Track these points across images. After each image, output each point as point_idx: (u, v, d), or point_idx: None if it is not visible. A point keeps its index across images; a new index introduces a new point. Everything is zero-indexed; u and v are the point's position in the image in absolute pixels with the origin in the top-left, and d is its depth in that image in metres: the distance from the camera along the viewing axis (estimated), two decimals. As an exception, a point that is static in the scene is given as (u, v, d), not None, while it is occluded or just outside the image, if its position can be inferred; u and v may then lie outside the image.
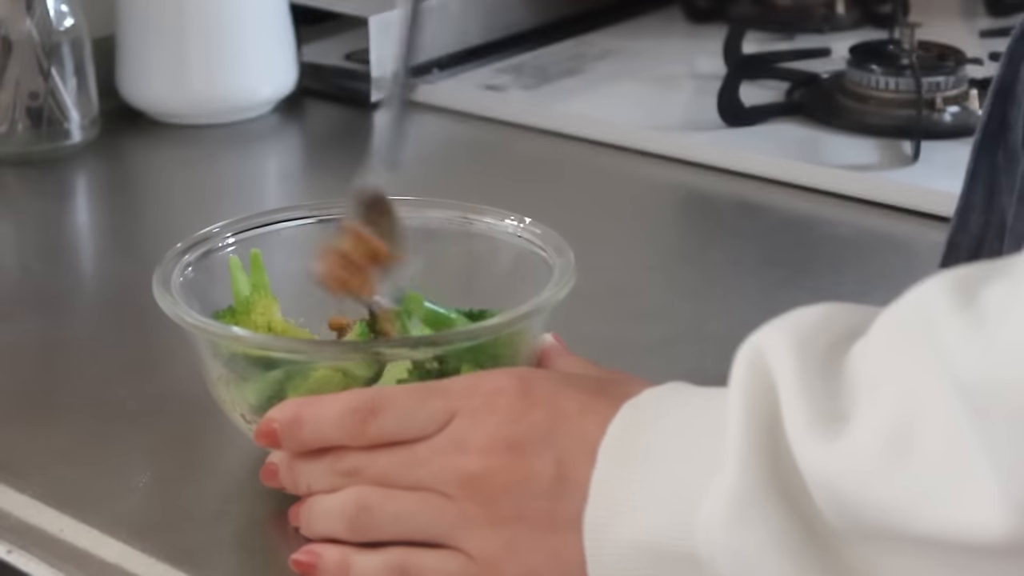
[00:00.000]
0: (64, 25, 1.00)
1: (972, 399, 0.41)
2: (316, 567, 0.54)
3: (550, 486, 0.51)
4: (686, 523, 0.47)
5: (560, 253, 0.64)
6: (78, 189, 1.03)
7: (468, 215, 0.69)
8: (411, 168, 1.04)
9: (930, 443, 0.42)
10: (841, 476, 0.44)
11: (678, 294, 0.82)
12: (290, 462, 0.56)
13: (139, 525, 0.59)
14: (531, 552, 0.51)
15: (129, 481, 0.63)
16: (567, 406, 0.52)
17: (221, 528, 0.60)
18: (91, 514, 0.60)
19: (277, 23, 1.06)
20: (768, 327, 0.48)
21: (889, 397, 0.44)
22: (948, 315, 0.42)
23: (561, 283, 0.62)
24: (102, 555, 0.58)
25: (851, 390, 0.45)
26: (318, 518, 0.55)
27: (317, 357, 0.60)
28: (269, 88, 1.07)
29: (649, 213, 0.96)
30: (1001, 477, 0.40)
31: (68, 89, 1.01)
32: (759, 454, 0.46)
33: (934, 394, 0.42)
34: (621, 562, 0.49)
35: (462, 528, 0.52)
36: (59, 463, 0.64)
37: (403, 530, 0.53)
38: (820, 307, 0.48)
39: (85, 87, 1.02)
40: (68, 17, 1.00)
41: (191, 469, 0.65)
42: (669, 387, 0.53)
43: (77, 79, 1.01)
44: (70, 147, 1.01)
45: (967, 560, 0.42)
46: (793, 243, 0.89)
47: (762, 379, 0.46)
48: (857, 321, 0.47)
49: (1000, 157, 0.61)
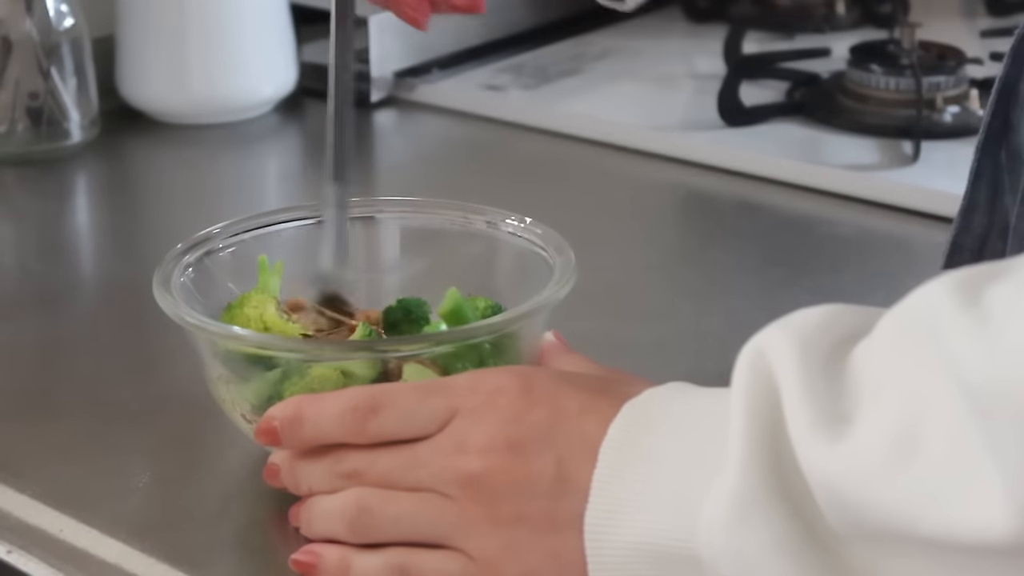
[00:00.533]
0: (64, 25, 1.00)
1: (977, 400, 0.41)
2: (316, 567, 0.54)
3: (550, 486, 0.51)
4: (687, 524, 0.47)
5: (560, 252, 0.63)
6: (78, 189, 1.03)
7: (468, 215, 0.69)
8: (411, 168, 1.04)
9: (934, 445, 0.42)
10: (844, 478, 0.44)
11: (678, 294, 0.82)
12: (291, 463, 0.56)
13: (139, 525, 0.59)
14: (531, 553, 0.51)
15: (129, 481, 0.63)
16: (568, 405, 0.52)
17: (221, 528, 0.60)
18: (91, 514, 0.60)
19: (277, 23, 1.06)
20: (770, 328, 0.48)
21: (893, 399, 0.44)
22: (952, 316, 0.42)
23: (562, 282, 0.62)
24: (102, 555, 0.58)
25: (854, 391, 0.45)
26: (318, 518, 0.55)
27: (316, 356, 0.60)
28: (269, 88, 1.07)
29: (649, 213, 0.96)
30: (1006, 478, 0.40)
31: (68, 89, 1.01)
32: (761, 455, 0.46)
33: (938, 395, 0.42)
34: (622, 563, 0.49)
35: (462, 528, 0.52)
36: (59, 463, 0.64)
37: (403, 531, 0.53)
38: (822, 308, 0.48)
39: (85, 87, 1.01)
40: (68, 17, 1.00)
41: (191, 469, 0.64)
42: (671, 387, 0.53)
43: (77, 79, 1.01)
44: (70, 147, 1.01)
45: (970, 561, 0.42)
46: (793, 243, 0.89)
47: (764, 380, 0.46)
48: (860, 322, 0.47)
49: (1003, 157, 0.61)
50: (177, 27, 1.03)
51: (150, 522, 0.60)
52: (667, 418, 0.50)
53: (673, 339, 0.75)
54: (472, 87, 1.09)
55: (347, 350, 0.62)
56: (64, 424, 0.68)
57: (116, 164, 1.05)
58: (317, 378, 0.59)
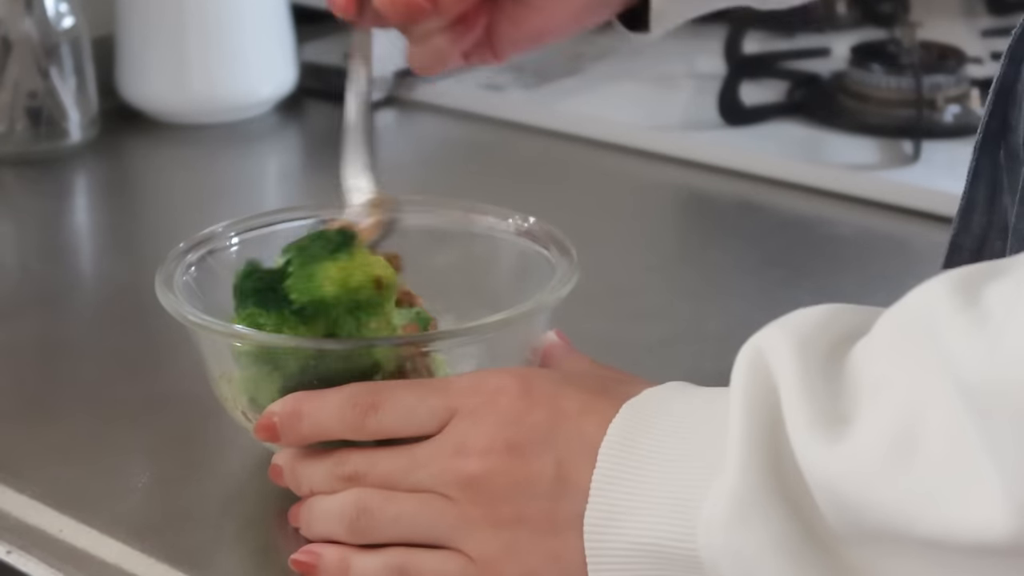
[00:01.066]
0: (63, 25, 1.00)
1: (975, 400, 0.41)
2: (316, 567, 0.54)
3: (550, 487, 0.51)
4: (687, 524, 0.47)
5: (563, 252, 0.63)
6: (77, 189, 1.03)
7: (470, 214, 0.69)
8: (412, 168, 1.04)
9: (933, 445, 0.42)
10: (843, 478, 0.44)
11: (678, 294, 0.82)
12: (293, 463, 0.56)
13: (139, 525, 0.59)
14: (531, 553, 0.51)
15: (129, 481, 0.63)
16: (567, 406, 0.52)
17: (221, 528, 0.60)
18: (91, 514, 0.60)
19: (277, 23, 1.06)
20: (769, 328, 0.48)
21: (892, 399, 0.44)
22: (951, 316, 0.42)
23: (563, 281, 0.62)
24: (102, 555, 0.58)
25: (853, 391, 0.45)
26: (318, 519, 0.55)
27: (321, 350, 0.60)
28: (269, 88, 1.07)
29: (649, 213, 0.96)
30: (1005, 478, 0.40)
31: (67, 89, 1.01)
32: (760, 455, 0.46)
33: (937, 395, 0.42)
34: (622, 563, 0.49)
35: (462, 530, 0.52)
36: (59, 463, 0.64)
37: (403, 531, 0.53)
38: (821, 308, 0.48)
39: (84, 87, 1.01)
40: (68, 17, 1.00)
41: (191, 469, 0.64)
42: (670, 387, 0.53)
43: (76, 79, 1.01)
44: (69, 147, 1.01)
45: (969, 561, 0.42)
46: (793, 243, 0.89)
47: (763, 380, 0.46)
48: (859, 322, 0.47)
49: (1001, 157, 0.61)
50: (177, 27, 1.03)
51: (150, 522, 0.60)
52: (666, 418, 0.50)
53: (673, 339, 0.75)
54: (472, 87, 1.09)
55: (349, 345, 0.61)
56: (64, 424, 0.68)
57: (116, 164, 1.05)
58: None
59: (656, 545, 0.48)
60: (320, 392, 0.56)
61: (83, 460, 0.65)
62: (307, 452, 0.56)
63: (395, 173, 1.04)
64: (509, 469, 0.51)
